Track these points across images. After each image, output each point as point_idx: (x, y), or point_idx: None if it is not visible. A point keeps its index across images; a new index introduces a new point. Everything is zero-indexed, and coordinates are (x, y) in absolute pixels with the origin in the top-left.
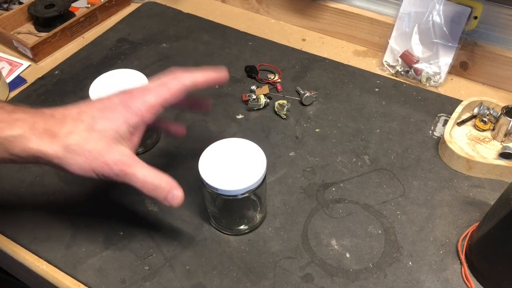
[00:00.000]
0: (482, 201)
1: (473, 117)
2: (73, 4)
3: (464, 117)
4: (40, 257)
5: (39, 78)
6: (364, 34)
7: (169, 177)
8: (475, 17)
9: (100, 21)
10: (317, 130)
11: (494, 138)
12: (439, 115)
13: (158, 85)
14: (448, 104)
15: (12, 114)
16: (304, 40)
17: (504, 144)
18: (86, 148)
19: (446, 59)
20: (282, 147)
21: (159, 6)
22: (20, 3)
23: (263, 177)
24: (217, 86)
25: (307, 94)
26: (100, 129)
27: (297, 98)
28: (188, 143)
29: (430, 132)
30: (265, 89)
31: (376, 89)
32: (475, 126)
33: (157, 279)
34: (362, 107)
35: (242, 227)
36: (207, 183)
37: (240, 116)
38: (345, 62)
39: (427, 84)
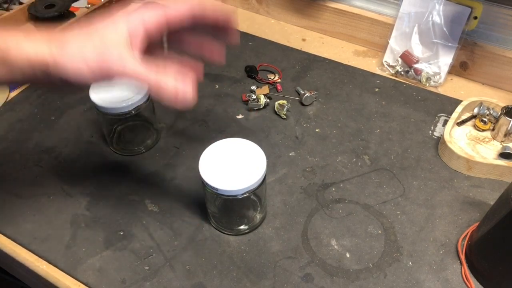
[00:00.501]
0: (482, 201)
1: (473, 117)
2: (73, 4)
3: (464, 117)
4: (40, 257)
5: None
6: (364, 34)
7: (178, 72)
8: (475, 17)
9: None
10: (317, 130)
11: (494, 138)
12: (439, 115)
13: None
14: (448, 104)
15: (8, 30)
16: (304, 40)
17: (504, 144)
18: (86, 46)
19: (446, 59)
20: (282, 147)
21: None
22: (21, 3)
23: (263, 177)
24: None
25: (307, 94)
26: (98, 31)
27: (297, 98)
28: (188, 143)
29: (430, 132)
30: (265, 89)
31: (376, 89)
32: (475, 126)
33: (157, 279)
34: (362, 107)
35: (242, 227)
36: (207, 183)
37: (240, 116)
38: (345, 62)
39: (427, 84)
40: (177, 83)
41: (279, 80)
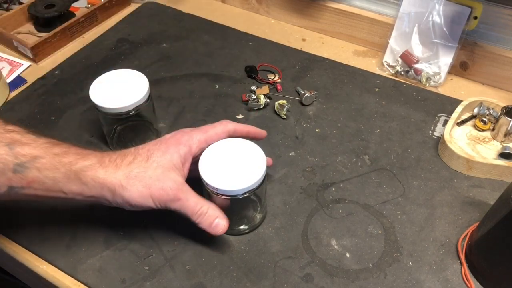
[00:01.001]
0: (482, 201)
1: (473, 117)
2: (73, 4)
3: (464, 117)
4: (40, 257)
5: (39, 78)
6: (364, 34)
7: (215, 206)
8: (475, 17)
9: (100, 21)
10: (317, 130)
11: (494, 138)
12: (439, 115)
13: (206, 126)
14: (448, 104)
15: (84, 149)
16: (304, 40)
17: (504, 144)
18: (145, 175)
19: (446, 59)
20: (282, 147)
21: (159, 6)
22: (20, 3)
23: (263, 177)
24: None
25: (307, 94)
26: (156, 159)
27: (297, 98)
28: None
29: (430, 132)
30: (265, 89)
31: (376, 89)
32: (475, 126)
33: (157, 279)
34: (362, 107)
35: (242, 227)
36: (207, 183)
37: (240, 116)
38: (345, 62)
39: (427, 84)
40: (215, 213)
41: (279, 80)
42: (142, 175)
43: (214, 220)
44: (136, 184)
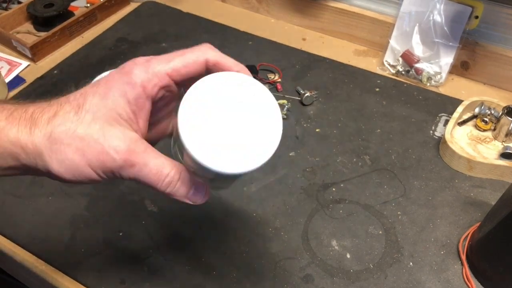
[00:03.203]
0: (483, 201)
1: (474, 117)
2: (72, 4)
3: (465, 117)
4: (39, 257)
5: (38, 78)
6: (364, 33)
7: (186, 168)
8: (476, 17)
9: (100, 20)
10: (317, 130)
11: (495, 138)
12: (440, 115)
13: (172, 54)
14: (449, 104)
15: None
16: (304, 39)
17: (505, 144)
18: (75, 134)
19: (447, 59)
20: (282, 147)
21: (159, 6)
22: (19, 2)
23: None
24: None
25: (307, 94)
26: (91, 108)
27: (297, 98)
28: None
29: (431, 132)
30: None
31: (377, 89)
32: (476, 126)
33: (157, 279)
34: (362, 107)
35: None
36: (192, 156)
37: None
38: (346, 62)
39: (428, 84)
40: (197, 188)
41: (279, 80)
42: (71, 135)
43: (189, 190)
44: (63, 149)
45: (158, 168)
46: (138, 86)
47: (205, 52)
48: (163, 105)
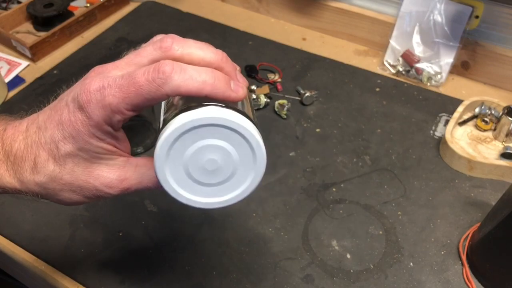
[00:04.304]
0: (483, 202)
1: (475, 117)
2: (72, 3)
3: (465, 117)
4: (38, 257)
5: (38, 78)
6: (364, 33)
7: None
8: (477, 17)
9: (99, 20)
10: (317, 130)
11: (495, 138)
12: (440, 115)
13: (124, 80)
14: (449, 104)
15: None
16: (304, 39)
17: (506, 144)
18: (63, 181)
19: (447, 59)
20: (282, 147)
21: (159, 5)
22: (19, 2)
23: None
24: None
25: (308, 93)
26: (68, 155)
27: (298, 98)
28: None
29: (431, 132)
30: (265, 88)
31: (377, 89)
32: (476, 126)
33: (157, 280)
34: (362, 107)
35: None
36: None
37: None
38: (346, 62)
39: (428, 84)
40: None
41: (279, 80)
42: (59, 183)
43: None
44: (58, 193)
45: (153, 180)
46: (102, 124)
47: (165, 84)
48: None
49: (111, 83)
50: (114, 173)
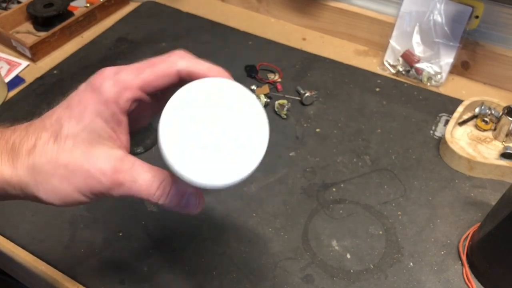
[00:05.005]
0: (483, 202)
1: (474, 117)
2: (72, 3)
3: (465, 117)
4: (39, 257)
5: (38, 78)
6: (364, 33)
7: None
8: (477, 17)
9: (99, 20)
10: (317, 130)
11: (495, 138)
12: (440, 115)
13: (141, 64)
14: (449, 104)
15: None
16: (304, 39)
17: (506, 144)
18: (58, 163)
19: (447, 59)
20: (282, 147)
21: (158, 6)
22: (19, 2)
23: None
24: None
25: (308, 93)
26: (69, 134)
27: (298, 98)
28: None
29: (431, 132)
30: (265, 88)
31: (377, 89)
32: (476, 126)
33: (156, 280)
34: (362, 107)
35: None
36: (175, 169)
37: None
38: (346, 62)
39: (428, 84)
40: (191, 195)
41: (279, 80)
42: (54, 165)
43: (182, 200)
44: (48, 179)
45: (147, 183)
46: (111, 103)
47: (176, 62)
48: (138, 114)
49: (125, 67)
50: (110, 162)
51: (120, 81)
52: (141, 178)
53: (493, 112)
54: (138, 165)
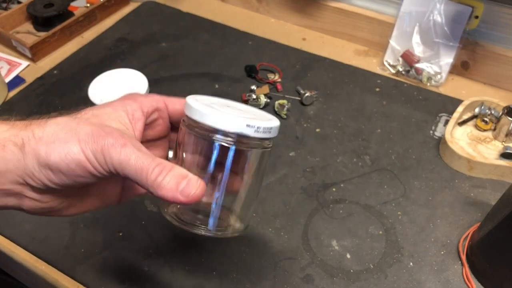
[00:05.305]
0: (483, 202)
1: (474, 117)
2: (72, 4)
3: (465, 117)
4: (39, 257)
5: (38, 78)
6: (364, 33)
7: (180, 168)
8: (476, 17)
9: (99, 20)
10: (317, 130)
11: (495, 138)
12: (440, 115)
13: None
14: (449, 104)
15: None
16: (304, 39)
17: (505, 144)
18: (70, 128)
19: (447, 59)
20: (282, 147)
21: (159, 6)
22: (19, 2)
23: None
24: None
25: (308, 93)
26: (93, 114)
27: (298, 98)
28: None
29: (431, 132)
30: (265, 89)
31: (377, 89)
32: (476, 126)
33: (157, 280)
34: (362, 107)
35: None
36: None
37: None
38: (346, 62)
39: (428, 84)
40: (190, 177)
41: (279, 80)
42: (63, 126)
43: (181, 182)
44: (55, 133)
45: (149, 153)
46: (137, 102)
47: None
48: (152, 135)
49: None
50: (120, 125)
51: (149, 95)
52: (143, 149)
53: (493, 112)
54: (141, 145)
